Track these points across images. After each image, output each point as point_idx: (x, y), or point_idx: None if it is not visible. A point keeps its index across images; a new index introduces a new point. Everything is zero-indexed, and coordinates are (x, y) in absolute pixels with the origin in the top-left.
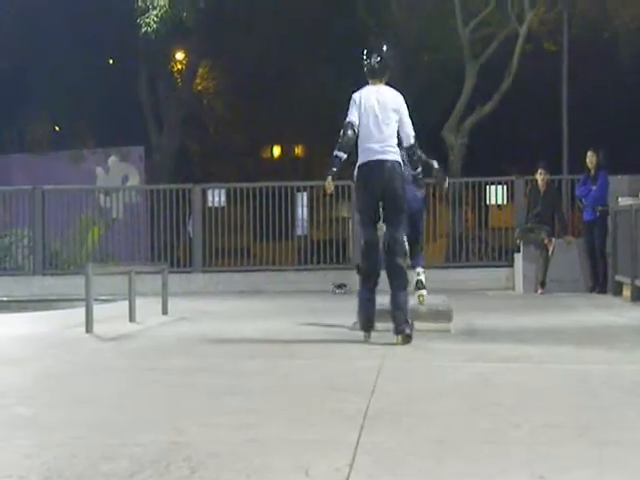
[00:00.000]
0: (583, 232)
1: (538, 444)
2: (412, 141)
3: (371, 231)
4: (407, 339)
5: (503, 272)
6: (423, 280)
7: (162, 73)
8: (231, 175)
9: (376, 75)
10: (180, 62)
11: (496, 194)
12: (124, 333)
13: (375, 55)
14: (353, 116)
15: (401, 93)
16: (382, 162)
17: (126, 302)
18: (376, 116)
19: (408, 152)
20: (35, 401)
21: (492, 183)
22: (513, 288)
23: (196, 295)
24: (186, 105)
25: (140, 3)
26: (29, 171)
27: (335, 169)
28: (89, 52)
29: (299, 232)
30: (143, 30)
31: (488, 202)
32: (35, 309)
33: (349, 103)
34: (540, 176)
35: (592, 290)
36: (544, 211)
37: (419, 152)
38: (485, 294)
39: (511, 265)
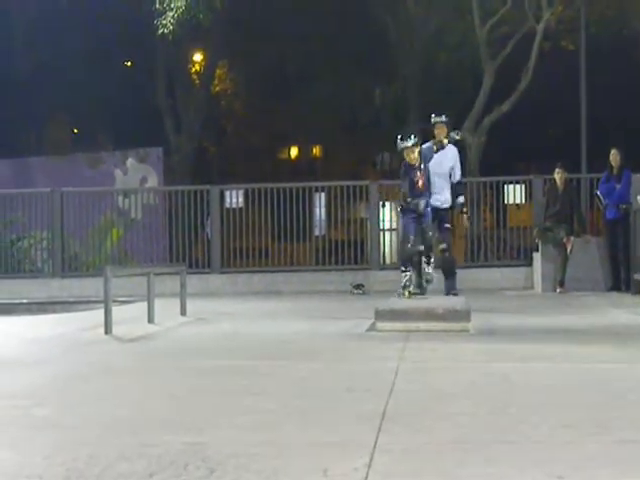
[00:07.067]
0: (604, 230)
1: (557, 444)
2: None
3: None
4: None
5: (522, 272)
6: None
7: (180, 75)
8: (249, 176)
9: None
10: (198, 63)
11: (514, 193)
12: (143, 334)
13: None
14: None
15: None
16: None
17: (145, 303)
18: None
19: None
20: (53, 402)
21: (510, 182)
22: (532, 287)
23: (214, 296)
24: (204, 106)
25: (158, 5)
26: (48, 174)
27: None
28: (107, 54)
29: (317, 232)
30: (160, 32)
31: (506, 201)
32: (54, 311)
33: None
34: (558, 175)
35: (612, 289)
36: (562, 210)
37: None
38: (504, 294)
39: (530, 264)
